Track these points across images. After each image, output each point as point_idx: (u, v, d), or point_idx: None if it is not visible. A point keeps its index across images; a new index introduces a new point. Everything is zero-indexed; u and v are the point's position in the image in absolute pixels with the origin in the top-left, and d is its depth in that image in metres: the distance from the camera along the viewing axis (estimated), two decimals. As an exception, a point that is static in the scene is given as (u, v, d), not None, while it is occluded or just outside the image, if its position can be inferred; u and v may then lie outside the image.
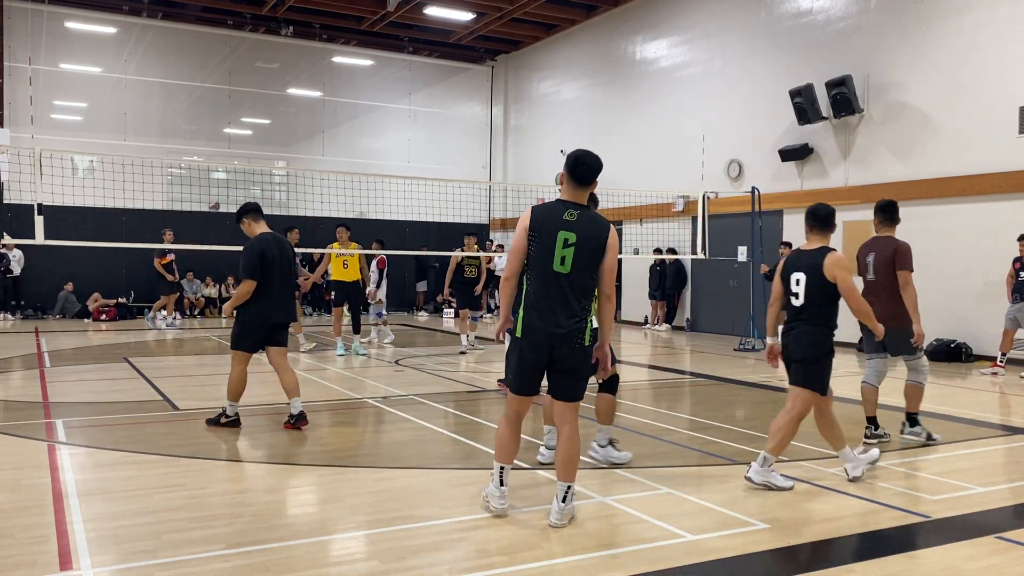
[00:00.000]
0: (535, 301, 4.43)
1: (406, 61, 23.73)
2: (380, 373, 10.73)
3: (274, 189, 22.64)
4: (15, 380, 9.85)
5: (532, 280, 4.47)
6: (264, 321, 6.93)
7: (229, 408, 7.00)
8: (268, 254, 6.89)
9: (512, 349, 4.59)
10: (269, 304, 6.92)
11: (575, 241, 4.39)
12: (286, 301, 7.13)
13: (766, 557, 4.08)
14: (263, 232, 7.11)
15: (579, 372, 4.53)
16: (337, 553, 4.11)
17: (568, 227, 4.41)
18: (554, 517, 4.44)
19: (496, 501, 4.59)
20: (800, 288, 5.37)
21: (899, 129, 13.70)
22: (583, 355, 4.49)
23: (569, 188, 4.59)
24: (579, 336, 4.43)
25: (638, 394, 9.68)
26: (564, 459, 4.49)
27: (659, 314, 18.28)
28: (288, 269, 7.09)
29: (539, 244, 4.42)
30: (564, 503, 4.45)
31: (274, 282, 6.91)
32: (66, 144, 18.23)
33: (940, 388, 9.95)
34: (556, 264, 4.39)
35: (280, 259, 6.97)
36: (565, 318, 4.40)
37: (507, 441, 4.60)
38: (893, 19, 13.77)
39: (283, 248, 7.09)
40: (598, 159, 4.60)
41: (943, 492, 5.21)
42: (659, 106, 18.82)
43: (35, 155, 9.79)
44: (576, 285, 4.42)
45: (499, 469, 4.59)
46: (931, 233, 13.10)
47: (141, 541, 4.14)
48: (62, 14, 19.61)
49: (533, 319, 4.42)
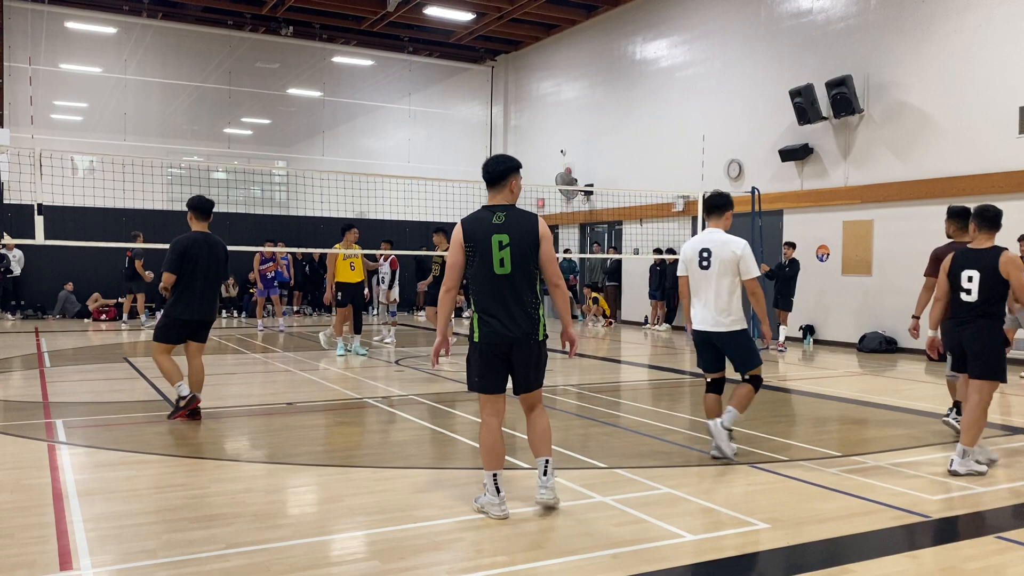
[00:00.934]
0: (486, 306, 4.62)
1: (406, 61, 23.74)
2: (380, 373, 10.73)
3: (274, 189, 22.66)
4: (15, 380, 9.85)
5: (477, 289, 4.64)
6: (187, 319, 7.15)
7: (179, 391, 7.15)
8: (192, 253, 7.07)
9: (472, 353, 4.72)
10: (192, 303, 7.12)
11: (509, 241, 4.57)
12: (209, 301, 7.26)
13: (766, 557, 4.08)
14: (196, 231, 7.27)
15: (539, 366, 4.75)
16: (337, 553, 4.11)
17: (499, 230, 4.59)
18: (544, 494, 4.62)
19: (497, 509, 4.53)
20: (973, 284, 5.71)
21: (899, 129, 13.70)
22: (540, 351, 4.73)
23: (490, 193, 4.77)
24: (535, 334, 4.65)
25: (638, 394, 9.68)
26: (540, 435, 4.72)
27: (659, 314, 18.29)
28: (215, 271, 7.25)
29: (476, 253, 4.60)
30: (546, 476, 4.64)
31: (196, 281, 7.11)
32: (66, 144, 18.26)
33: (940, 388, 9.95)
34: (496, 267, 4.57)
35: (207, 260, 7.15)
36: (521, 316, 4.60)
37: (493, 446, 4.61)
38: (893, 19, 13.78)
39: (212, 249, 7.24)
40: (500, 158, 4.77)
41: (943, 492, 5.20)
42: (659, 106, 18.82)
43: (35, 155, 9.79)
44: (520, 282, 4.61)
45: (492, 477, 4.55)
46: (931, 233, 13.05)
47: (141, 541, 4.14)
48: (62, 14, 19.62)
49: (490, 323, 4.60)
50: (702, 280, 5.93)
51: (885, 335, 13.67)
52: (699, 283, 5.95)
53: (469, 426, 7.29)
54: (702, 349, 6.12)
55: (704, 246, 5.93)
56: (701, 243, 5.97)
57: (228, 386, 9.62)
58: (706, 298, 5.92)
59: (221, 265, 7.33)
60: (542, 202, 23.26)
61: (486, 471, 4.59)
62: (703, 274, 5.92)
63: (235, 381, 10.11)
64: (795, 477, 5.50)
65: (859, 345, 13.88)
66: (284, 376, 10.43)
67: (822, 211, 15.06)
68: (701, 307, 5.96)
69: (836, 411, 7.96)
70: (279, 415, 7.71)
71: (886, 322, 13.87)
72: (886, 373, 11.37)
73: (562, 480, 5.34)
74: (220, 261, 7.31)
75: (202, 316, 7.23)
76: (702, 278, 5.92)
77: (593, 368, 11.78)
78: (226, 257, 7.45)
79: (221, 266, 7.33)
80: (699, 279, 5.95)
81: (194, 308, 7.15)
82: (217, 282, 7.39)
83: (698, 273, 5.95)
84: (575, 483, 5.26)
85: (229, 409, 7.90)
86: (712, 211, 6.06)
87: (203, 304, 7.20)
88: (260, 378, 10.38)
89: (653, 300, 18.43)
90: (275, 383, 9.85)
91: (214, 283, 7.31)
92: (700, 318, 5.98)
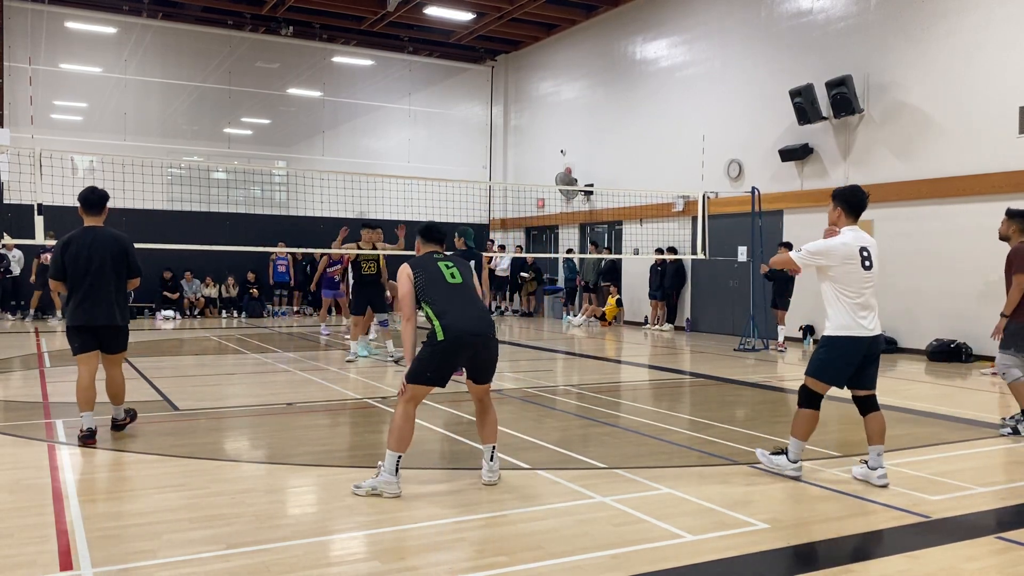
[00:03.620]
0: (447, 309, 5.05)
1: (406, 61, 23.73)
2: (380, 373, 10.73)
3: (274, 189, 22.65)
4: (15, 380, 9.85)
5: (435, 301, 5.08)
6: (79, 324, 6.28)
7: (83, 421, 6.27)
8: (71, 251, 6.24)
9: (434, 350, 5.00)
10: (78, 306, 6.25)
11: (454, 266, 5.31)
12: (97, 303, 6.26)
13: (766, 557, 4.08)
14: (83, 227, 6.41)
15: (496, 360, 5.30)
16: (337, 553, 4.11)
17: (444, 260, 5.33)
18: (488, 475, 5.16)
19: (395, 487, 4.91)
20: None
21: (899, 129, 13.70)
22: (497, 346, 5.28)
23: (423, 247, 5.49)
24: (493, 331, 5.24)
25: (638, 394, 9.68)
26: (492, 425, 5.29)
27: (659, 314, 18.28)
28: (104, 269, 6.28)
29: (427, 275, 5.17)
30: (493, 462, 5.20)
31: (77, 282, 6.23)
32: (66, 144, 18.23)
33: (940, 388, 9.96)
34: (449, 279, 5.19)
35: (90, 258, 6.24)
36: (480, 311, 5.21)
37: (411, 431, 5.03)
38: (893, 19, 13.78)
39: (98, 246, 6.30)
40: (437, 226, 5.54)
41: (943, 492, 5.20)
42: (659, 106, 18.82)
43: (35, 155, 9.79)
44: (469, 288, 5.27)
45: (398, 458, 4.94)
46: (931, 233, 13.12)
47: (141, 541, 4.14)
48: (62, 14, 19.62)
49: (455, 323, 5.00)
50: (865, 281, 5.43)
51: (885, 335, 13.65)
52: (862, 284, 5.41)
53: (469, 426, 7.28)
54: (857, 359, 5.38)
55: (863, 244, 5.48)
56: (859, 241, 5.48)
57: (228, 386, 9.62)
58: (872, 301, 5.47)
59: (111, 262, 6.32)
60: (542, 202, 23.26)
61: (394, 452, 4.92)
62: (866, 275, 5.43)
63: (235, 381, 10.11)
64: (795, 477, 5.49)
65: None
66: (284, 376, 10.43)
67: (822, 211, 14.94)
68: (870, 310, 5.43)
69: (836, 411, 7.96)
70: (279, 415, 7.71)
71: (886, 322, 13.73)
72: (886, 373, 11.36)
73: (562, 480, 5.35)
74: (111, 257, 6.31)
75: (93, 320, 6.27)
76: (865, 279, 5.42)
77: (593, 368, 11.78)
78: (121, 254, 6.41)
79: (112, 263, 6.32)
80: (861, 280, 5.41)
81: (81, 312, 6.25)
82: (106, 282, 6.30)
83: (860, 273, 5.41)
84: (575, 483, 5.26)
85: (229, 409, 7.90)
86: (858, 209, 5.56)
87: (90, 307, 6.24)
88: (260, 378, 10.38)
89: (653, 300, 18.43)
90: (273, 383, 9.84)
91: (101, 283, 6.27)
92: (873, 322, 5.40)
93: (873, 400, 5.46)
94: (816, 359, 5.46)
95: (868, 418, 5.45)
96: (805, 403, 5.47)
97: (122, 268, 6.44)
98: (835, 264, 5.40)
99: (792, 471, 5.47)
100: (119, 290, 6.46)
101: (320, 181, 18.67)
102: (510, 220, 24.59)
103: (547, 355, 13.21)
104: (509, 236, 24.72)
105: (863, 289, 5.39)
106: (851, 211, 5.55)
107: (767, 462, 5.62)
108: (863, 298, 5.38)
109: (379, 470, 4.97)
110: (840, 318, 5.38)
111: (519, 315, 22.30)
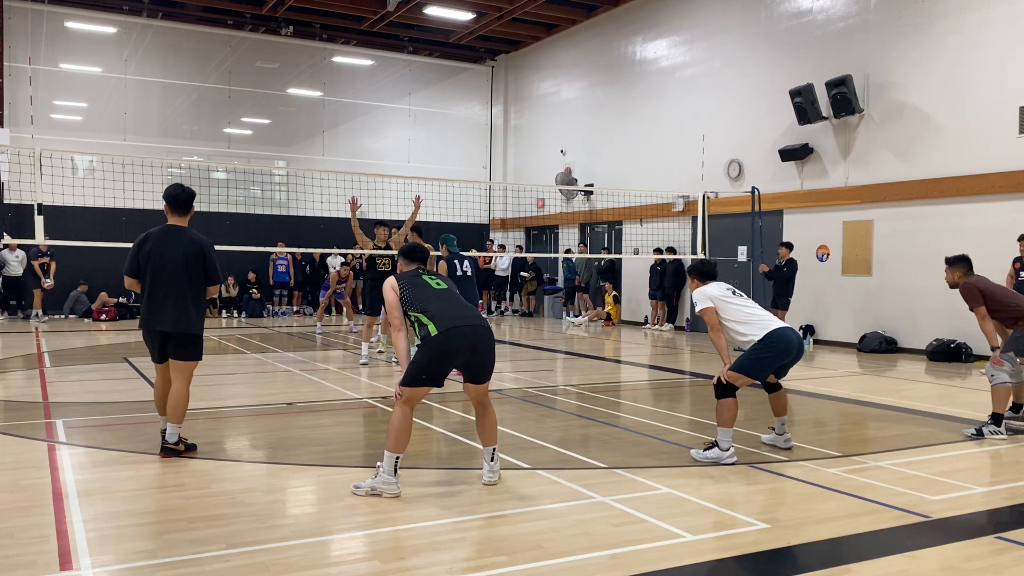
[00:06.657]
0: (437, 310, 5.06)
1: (406, 61, 23.73)
2: (380, 373, 10.73)
3: (274, 189, 22.65)
4: (15, 380, 9.84)
5: (425, 308, 5.08)
6: (147, 327, 5.92)
7: (170, 428, 5.90)
8: (145, 248, 5.90)
9: (429, 349, 4.98)
10: (148, 308, 5.88)
11: (437, 277, 5.42)
12: (168, 307, 5.83)
13: (766, 557, 4.08)
14: (164, 225, 6.06)
15: (493, 357, 5.24)
16: (337, 553, 4.11)
17: (427, 274, 5.42)
18: (489, 475, 5.17)
19: (395, 488, 4.91)
20: None
21: (899, 129, 13.70)
22: (493, 342, 5.23)
23: (406, 266, 5.56)
24: (486, 323, 5.25)
25: (638, 394, 9.68)
26: (492, 426, 5.28)
27: (659, 314, 18.28)
28: (178, 271, 5.86)
29: (412, 285, 5.23)
30: (494, 462, 5.22)
31: (149, 282, 5.87)
32: (66, 144, 18.23)
33: (940, 388, 9.95)
34: (435, 286, 5.28)
35: (163, 258, 5.86)
36: (470, 309, 5.27)
37: (408, 432, 5.01)
38: (893, 19, 13.77)
39: (174, 245, 5.91)
40: (411, 247, 5.63)
41: (943, 492, 5.20)
42: (659, 106, 18.82)
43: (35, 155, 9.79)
44: (457, 294, 5.39)
45: (396, 459, 4.93)
46: (931, 233, 13.11)
47: (141, 541, 4.14)
48: (62, 14, 19.61)
49: (447, 319, 5.01)
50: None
51: (885, 335, 13.67)
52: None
53: (469, 426, 7.28)
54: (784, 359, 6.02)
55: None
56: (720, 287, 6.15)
57: (228, 386, 9.62)
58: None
59: (188, 263, 5.90)
60: (542, 202, 23.26)
61: (392, 453, 4.91)
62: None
63: (235, 381, 10.11)
64: (795, 477, 5.50)
65: (859, 345, 13.87)
66: (284, 376, 10.44)
67: (822, 211, 15.06)
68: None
69: (836, 411, 7.95)
70: (278, 415, 7.71)
71: (886, 322, 13.87)
72: (886, 373, 11.37)
73: (562, 480, 5.35)
74: (188, 258, 5.89)
75: (161, 326, 5.83)
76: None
77: (593, 368, 11.78)
78: (201, 256, 5.95)
79: (189, 266, 5.90)
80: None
81: (150, 315, 5.87)
82: (180, 285, 5.87)
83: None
84: (575, 483, 5.26)
85: (229, 409, 7.90)
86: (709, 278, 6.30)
87: (161, 310, 5.83)
88: (259, 378, 10.38)
89: (653, 300, 18.42)
90: (272, 383, 9.85)
91: (175, 285, 5.85)
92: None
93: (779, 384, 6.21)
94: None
95: (773, 396, 6.19)
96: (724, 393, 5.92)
97: (197, 272, 5.93)
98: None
99: (729, 458, 5.76)
100: (194, 295, 5.93)
101: (320, 181, 18.67)
102: (510, 220, 24.59)
103: (547, 355, 13.21)
104: (509, 236, 24.72)
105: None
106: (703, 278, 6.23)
107: (703, 458, 5.84)
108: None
109: (377, 471, 4.98)
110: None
111: (519, 315, 22.30)
